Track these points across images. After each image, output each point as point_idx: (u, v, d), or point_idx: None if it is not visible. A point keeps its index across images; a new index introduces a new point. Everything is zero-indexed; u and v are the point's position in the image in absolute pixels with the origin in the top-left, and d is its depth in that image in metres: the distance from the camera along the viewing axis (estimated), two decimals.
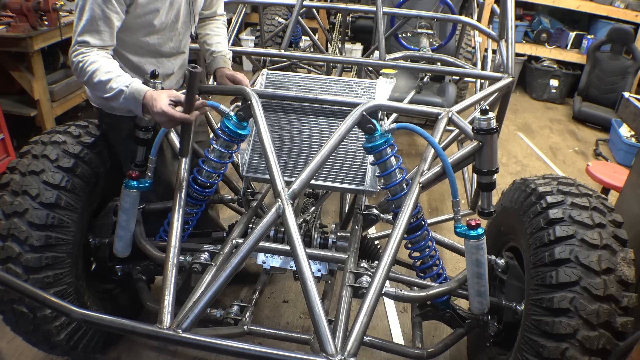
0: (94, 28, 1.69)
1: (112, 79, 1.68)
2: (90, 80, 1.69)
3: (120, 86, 1.67)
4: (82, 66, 1.68)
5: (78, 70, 1.70)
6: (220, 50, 2.18)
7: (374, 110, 1.77)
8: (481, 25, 3.09)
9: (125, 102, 1.69)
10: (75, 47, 1.70)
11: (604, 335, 1.43)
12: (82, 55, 1.69)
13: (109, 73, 1.69)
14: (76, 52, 1.70)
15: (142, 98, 1.66)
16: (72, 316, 1.36)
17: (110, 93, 1.68)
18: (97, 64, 1.69)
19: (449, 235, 2.51)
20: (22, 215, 1.73)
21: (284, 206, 1.54)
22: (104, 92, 1.70)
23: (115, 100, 1.70)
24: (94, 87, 1.73)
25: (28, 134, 3.11)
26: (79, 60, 1.69)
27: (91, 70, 1.68)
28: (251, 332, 1.87)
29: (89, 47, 1.70)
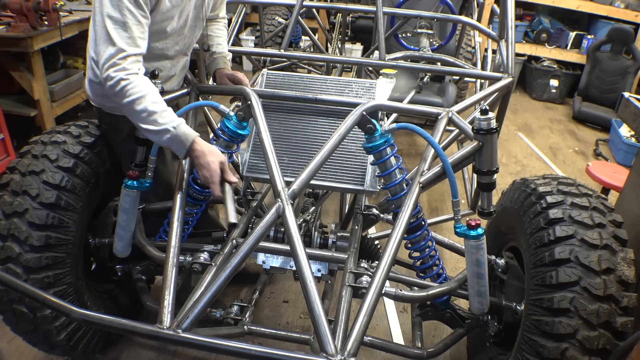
0: (127, 34, 1.59)
1: (158, 112, 1.61)
2: (132, 105, 1.59)
3: (167, 125, 1.62)
4: (126, 86, 1.58)
5: (119, 88, 1.58)
6: (220, 52, 2.18)
7: (374, 110, 1.77)
8: (481, 25, 3.08)
9: (167, 141, 1.65)
10: (114, 61, 1.57)
11: (604, 335, 1.43)
12: (125, 73, 1.58)
13: (156, 104, 1.62)
14: (117, 67, 1.57)
15: (189, 143, 1.66)
16: (72, 316, 1.36)
17: (154, 127, 1.62)
18: (144, 89, 1.60)
19: (449, 235, 2.51)
20: (22, 215, 1.72)
21: (284, 206, 1.54)
22: (144, 123, 1.62)
23: (156, 135, 1.64)
24: (132, 112, 1.62)
25: (28, 134, 3.11)
26: (121, 78, 1.57)
27: (136, 95, 1.58)
28: (251, 332, 1.87)
29: (129, 59, 1.59)
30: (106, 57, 1.58)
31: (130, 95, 1.59)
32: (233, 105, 2.12)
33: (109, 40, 1.58)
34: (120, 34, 1.58)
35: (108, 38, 1.58)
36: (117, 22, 1.58)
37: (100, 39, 1.59)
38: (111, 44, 1.58)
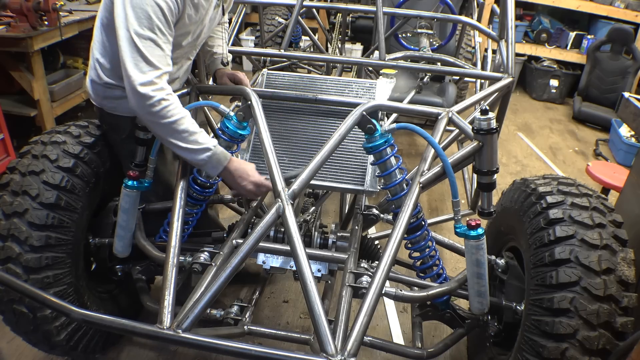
0: (159, 52, 1.58)
1: (198, 133, 1.65)
2: (174, 125, 1.61)
3: (207, 144, 1.66)
4: (167, 107, 1.59)
5: (160, 108, 1.58)
6: (220, 53, 2.18)
7: (374, 110, 1.77)
8: (481, 25, 3.08)
9: (205, 160, 1.68)
10: (152, 79, 1.57)
11: (604, 335, 1.43)
12: (164, 92, 1.59)
13: (194, 125, 1.66)
14: (155, 87, 1.57)
15: (226, 163, 1.71)
16: (72, 316, 1.36)
17: (195, 146, 1.65)
18: (183, 111, 1.64)
19: (449, 235, 2.51)
20: (22, 216, 1.72)
21: (284, 206, 1.54)
22: (183, 142, 1.64)
23: (194, 153, 1.66)
24: (171, 132, 1.63)
25: (28, 134, 3.11)
26: (162, 98, 1.58)
27: (177, 115, 1.61)
28: (251, 332, 1.87)
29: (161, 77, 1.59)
30: (144, 76, 1.56)
31: (172, 116, 1.61)
32: (233, 105, 2.12)
33: (144, 58, 1.56)
34: (153, 52, 1.57)
35: (142, 56, 1.56)
36: (149, 40, 1.56)
37: (133, 57, 1.56)
38: (147, 62, 1.56)
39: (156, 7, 1.55)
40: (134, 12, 1.54)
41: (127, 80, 1.58)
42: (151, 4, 1.54)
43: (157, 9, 1.55)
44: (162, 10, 1.56)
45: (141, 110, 1.62)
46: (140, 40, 1.55)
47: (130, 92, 1.59)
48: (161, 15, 1.56)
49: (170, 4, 1.58)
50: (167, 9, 1.58)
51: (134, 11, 1.54)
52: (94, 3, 4.05)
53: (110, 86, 1.86)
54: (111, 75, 1.84)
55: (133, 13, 1.54)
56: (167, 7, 1.58)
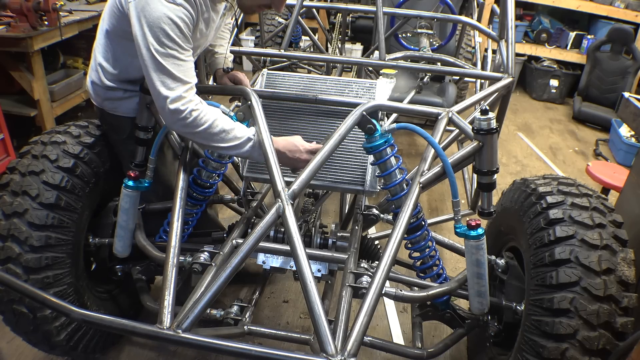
0: (182, 67, 1.59)
1: (234, 129, 1.68)
2: (209, 129, 1.63)
3: (246, 135, 1.69)
4: (199, 115, 1.61)
5: (192, 119, 1.60)
6: (222, 53, 2.18)
7: (374, 110, 1.77)
8: (481, 25, 3.08)
9: (249, 150, 1.70)
10: (181, 94, 1.58)
11: (604, 335, 1.43)
12: (193, 103, 1.61)
13: (229, 122, 1.68)
14: (185, 100, 1.59)
15: None
16: (72, 316, 1.36)
17: (236, 142, 1.68)
18: (214, 114, 1.65)
19: (449, 235, 2.51)
20: (22, 216, 1.72)
21: (284, 206, 1.54)
22: (223, 142, 1.67)
23: (238, 148, 1.69)
24: (209, 137, 1.65)
25: (28, 134, 3.11)
26: (192, 109, 1.60)
27: (210, 119, 1.63)
28: (251, 332, 1.87)
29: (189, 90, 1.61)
30: (172, 92, 1.57)
31: (205, 122, 1.63)
32: (233, 105, 2.12)
33: (169, 75, 1.56)
34: (177, 68, 1.58)
35: (167, 73, 1.56)
36: (171, 57, 1.57)
37: (159, 76, 1.56)
38: (173, 78, 1.57)
39: (172, 24, 1.55)
40: (152, 31, 1.54)
41: (156, 99, 1.61)
42: (167, 22, 1.54)
43: (173, 26, 1.55)
44: (178, 26, 1.56)
45: (175, 125, 1.65)
46: (162, 59, 1.55)
47: (161, 110, 1.61)
48: (178, 32, 1.56)
49: (185, 19, 1.58)
50: (183, 24, 1.58)
51: (152, 30, 1.53)
52: (94, 3, 4.05)
53: (112, 88, 1.86)
54: (113, 79, 1.84)
55: (151, 32, 1.54)
56: (183, 22, 1.58)
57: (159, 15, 1.53)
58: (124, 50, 1.78)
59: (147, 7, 1.52)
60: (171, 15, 1.54)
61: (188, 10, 1.59)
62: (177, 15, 1.55)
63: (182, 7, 1.56)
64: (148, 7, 1.52)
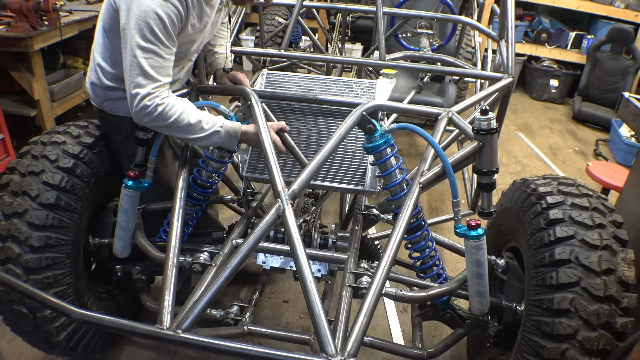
0: (159, 64, 1.61)
1: (202, 120, 1.69)
2: (176, 122, 1.65)
3: (214, 127, 1.71)
4: (165, 109, 1.62)
5: (157, 113, 1.62)
6: (222, 52, 2.18)
7: (374, 110, 1.76)
8: (481, 25, 3.08)
9: (219, 141, 1.73)
10: (140, 91, 1.59)
11: (604, 335, 1.43)
12: (159, 98, 1.62)
13: (197, 114, 1.69)
14: (152, 95, 1.60)
15: (240, 134, 1.75)
16: (72, 316, 1.36)
17: (203, 133, 1.70)
18: (181, 106, 1.67)
19: (449, 235, 2.51)
20: (22, 216, 1.72)
21: (284, 206, 1.54)
22: (193, 133, 1.69)
23: (207, 139, 1.72)
24: (179, 129, 1.68)
25: (28, 134, 3.11)
26: (157, 103, 1.61)
27: (176, 113, 1.64)
28: (251, 332, 1.87)
29: (158, 88, 1.62)
30: (142, 89, 1.60)
31: (172, 115, 1.64)
32: (233, 105, 2.12)
33: (143, 71, 1.59)
34: (152, 64, 1.59)
35: (141, 69, 1.58)
36: (150, 52, 1.58)
37: (133, 70, 1.59)
38: (145, 75, 1.59)
39: (157, 19, 1.56)
40: (137, 24, 1.55)
41: (127, 91, 1.63)
42: (153, 17, 1.55)
43: (158, 21, 1.56)
44: (163, 23, 1.57)
45: (141, 120, 1.67)
46: (141, 53, 1.57)
47: (130, 103, 1.63)
48: (162, 28, 1.58)
49: (173, 16, 1.59)
50: (169, 21, 1.59)
51: (137, 23, 1.55)
52: (94, 3, 4.05)
53: (112, 88, 1.86)
54: (112, 79, 1.84)
55: (136, 25, 1.55)
56: (169, 19, 1.59)
57: (146, 9, 1.54)
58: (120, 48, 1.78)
59: (136, 1, 1.54)
60: (158, 11, 1.55)
61: (176, 7, 1.59)
62: (164, 11, 1.56)
63: (170, 2, 1.57)
64: (137, 1, 1.54)
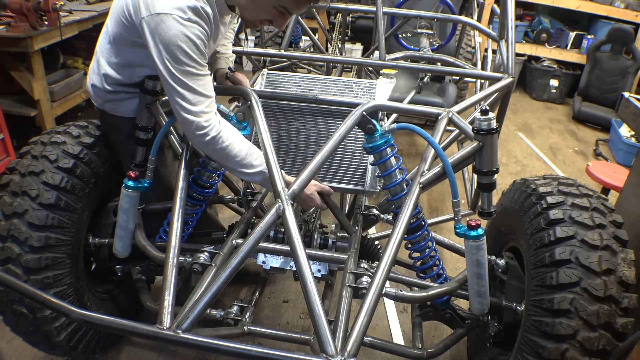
0: (201, 82, 1.60)
1: (249, 154, 1.72)
2: (226, 150, 1.68)
3: (261, 167, 1.73)
4: (218, 134, 1.65)
5: (210, 137, 1.64)
6: (224, 52, 2.18)
7: (374, 110, 1.76)
8: (481, 25, 3.08)
9: (260, 181, 1.76)
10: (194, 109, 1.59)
11: (604, 336, 1.43)
12: (216, 120, 1.65)
13: (247, 147, 1.73)
14: (207, 117, 1.62)
15: None
16: (72, 317, 1.36)
17: (250, 170, 1.73)
18: (233, 134, 1.70)
19: (449, 235, 2.51)
20: (22, 216, 1.72)
21: (284, 206, 1.54)
22: (238, 166, 1.72)
23: (249, 176, 1.75)
24: (225, 157, 1.70)
25: (28, 134, 3.11)
26: (213, 125, 1.64)
27: (228, 141, 1.67)
28: (251, 332, 1.87)
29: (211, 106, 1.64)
30: (194, 107, 1.59)
31: (223, 142, 1.67)
32: (233, 105, 2.12)
33: (191, 90, 1.58)
34: (197, 83, 1.59)
35: (188, 89, 1.57)
36: (190, 74, 1.57)
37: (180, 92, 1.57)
38: (193, 92, 1.58)
39: (189, 41, 1.53)
40: (168, 49, 1.52)
41: (177, 113, 1.63)
42: (184, 40, 1.52)
43: (190, 43, 1.54)
44: (195, 44, 1.55)
45: (195, 140, 1.67)
46: (183, 76, 1.56)
47: (183, 124, 1.64)
48: (195, 49, 1.55)
49: (202, 35, 1.57)
50: (199, 41, 1.56)
51: (168, 49, 1.52)
52: (94, 3, 4.05)
53: (114, 92, 1.85)
54: (115, 84, 1.83)
55: (167, 51, 1.52)
56: (199, 39, 1.56)
57: (175, 33, 1.50)
58: (131, 58, 1.76)
59: (162, 24, 1.50)
60: (187, 33, 1.52)
61: (203, 27, 1.57)
62: (193, 32, 1.54)
63: (197, 24, 1.54)
64: (163, 24, 1.50)
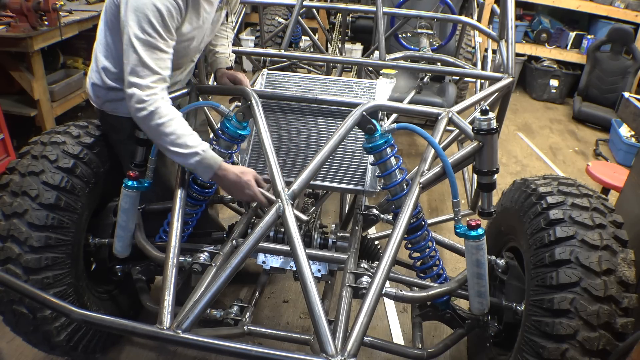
0: (158, 56, 1.60)
1: (187, 135, 1.65)
2: (161, 127, 1.62)
3: (197, 148, 1.65)
4: (156, 110, 1.60)
5: (148, 111, 1.60)
6: (223, 52, 2.18)
7: (374, 110, 1.77)
8: (481, 25, 3.08)
9: (194, 164, 1.68)
10: (138, 81, 1.59)
11: (604, 336, 1.43)
12: (158, 97, 1.61)
13: (184, 127, 1.66)
14: (151, 91, 1.60)
15: (216, 168, 1.69)
16: (72, 317, 1.36)
17: (182, 150, 1.65)
18: (172, 112, 1.64)
19: (449, 235, 2.51)
20: (22, 216, 1.72)
21: (284, 206, 1.54)
22: (171, 145, 1.65)
23: (181, 157, 1.67)
24: (159, 135, 1.64)
25: (28, 134, 3.11)
26: (153, 101, 1.60)
27: (166, 117, 1.62)
28: (251, 332, 1.87)
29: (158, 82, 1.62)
30: (140, 80, 1.59)
31: (160, 118, 1.62)
32: (233, 105, 2.12)
33: (142, 62, 1.58)
34: (151, 56, 1.59)
35: (140, 60, 1.58)
36: (148, 44, 1.58)
37: (132, 61, 1.59)
38: (144, 66, 1.59)
39: (156, 11, 1.57)
40: (135, 16, 1.56)
41: (125, 82, 1.62)
42: (151, 9, 1.56)
43: (157, 13, 1.57)
44: (161, 15, 1.58)
45: (134, 112, 1.65)
46: (140, 44, 1.57)
47: (127, 95, 1.62)
48: (161, 20, 1.58)
49: (172, 9, 1.59)
50: (167, 14, 1.59)
51: (135, 15, 1.56)
52: (94, 3, 4.05)
53: (114, 89, 1.85)
54: (115, 79, 1.84)
55: (134, 17, 1.56)
56: (168, 11, 1.59)
57: (145, 2, 1.55)
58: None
59: None
60: (157, 4, 1.56)
61: (177, 2, 1.60)
62: (164, 4, 1.57)
63: None
64: None
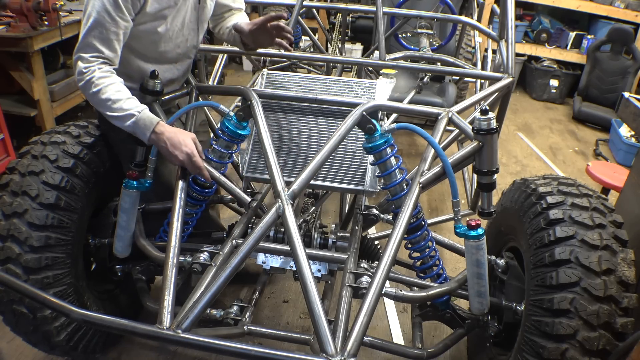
0: (103, 35, 1.66)
1: (122, 100, 1.68)
2: (97, 94, 1.67)
3: (131, 110, 1.69)
4: (91, 79, 1.66)
5: (84, 81, 1.67)
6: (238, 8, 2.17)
7: (374, 110, 1.76)
8: (481, 25, 3.08)
9: (131, 126, 1.70)
10: (81, 55, 1.67)
11: (604, 336, 1.43)
12: (90, 65, 1.67)
13: (120, 92, 1.69)
14: (84, 62, 1.67)
15: (153, 127, 1.71)
16: (71, 316, 1.36)
17: (119, 113, 1.68)
18: (108, 80, 1.68)
19: (449, 235, 2.51)
20: (22, 216, 1.72)
21: (284, 206, 1.54)
22: (109, 110, 1.69)
23: (120, 120, 1.70)
24: (98, 102, 1.69)
25: (28, 134, 3.11)
26: (90, 70, 1.66)
27: (101, 85, 1.66)
28: (251, 332, 1.87)
29: (98, 58, 1.68)
30: (77, 54, 1.68)
31: (96, 86, 1.67)
32: (233, 105, 2.12)
33: (86, 39, 1.67)
34: (95, 34, 1.66)
35: (85, 36, 1.67)
36: (96, 22, 1.65)
37: (80, 37, 1.68)
38: (87, 43, 1.67)
39: None
40: None
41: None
42: None
43: None
44: None
45: (77, 83, 1.71)
46: (89, 21, 1.65)
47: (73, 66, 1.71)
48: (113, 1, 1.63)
49: None
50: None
51: None
52: None
53: None
54: None
55: None
56: None
57: None
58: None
59: None
60: None
61: None
62: None
63: None
64: None
